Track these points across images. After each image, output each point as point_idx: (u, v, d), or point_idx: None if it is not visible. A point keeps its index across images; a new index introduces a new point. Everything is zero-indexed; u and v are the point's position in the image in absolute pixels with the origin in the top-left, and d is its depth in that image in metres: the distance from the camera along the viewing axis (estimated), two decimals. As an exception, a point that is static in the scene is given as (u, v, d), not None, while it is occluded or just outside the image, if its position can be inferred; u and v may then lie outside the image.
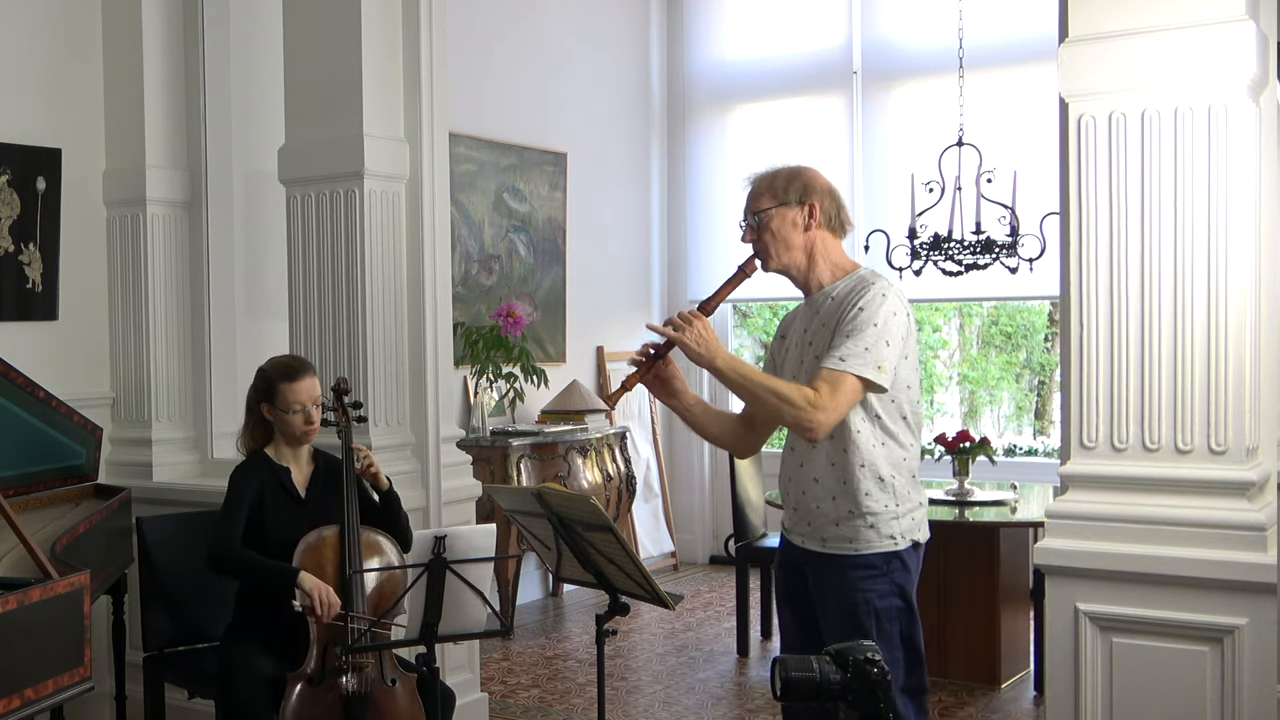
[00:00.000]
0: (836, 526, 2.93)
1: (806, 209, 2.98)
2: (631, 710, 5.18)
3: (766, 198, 3.01)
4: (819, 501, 2.95)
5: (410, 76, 4.43)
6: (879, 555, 2.91)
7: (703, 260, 8.23)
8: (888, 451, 2.92)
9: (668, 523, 8.12)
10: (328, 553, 3.64)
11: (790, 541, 3.08)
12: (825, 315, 2.97)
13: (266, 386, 3.78)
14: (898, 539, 2.92)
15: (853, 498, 2.90)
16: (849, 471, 2.90)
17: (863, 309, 2.86)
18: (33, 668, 2.79)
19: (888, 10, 7.55)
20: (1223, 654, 3.03)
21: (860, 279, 2.97)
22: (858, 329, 2.84)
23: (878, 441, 2.91)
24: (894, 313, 2.87)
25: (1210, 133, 3.05)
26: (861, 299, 2.88)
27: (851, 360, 2.82)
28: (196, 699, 4.02)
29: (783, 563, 3.14)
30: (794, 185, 3.00)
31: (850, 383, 2.83)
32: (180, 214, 4.90)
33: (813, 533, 2.98)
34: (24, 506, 3.87)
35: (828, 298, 2.99)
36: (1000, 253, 5.72)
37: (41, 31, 4.68)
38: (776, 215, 2.99)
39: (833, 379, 2.82)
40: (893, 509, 2.92)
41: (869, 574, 2.91)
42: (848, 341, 2.84)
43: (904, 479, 2.95)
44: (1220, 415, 3.04)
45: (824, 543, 2.96)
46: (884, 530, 2.91)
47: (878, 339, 2.84)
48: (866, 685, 1.86)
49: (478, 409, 6.66)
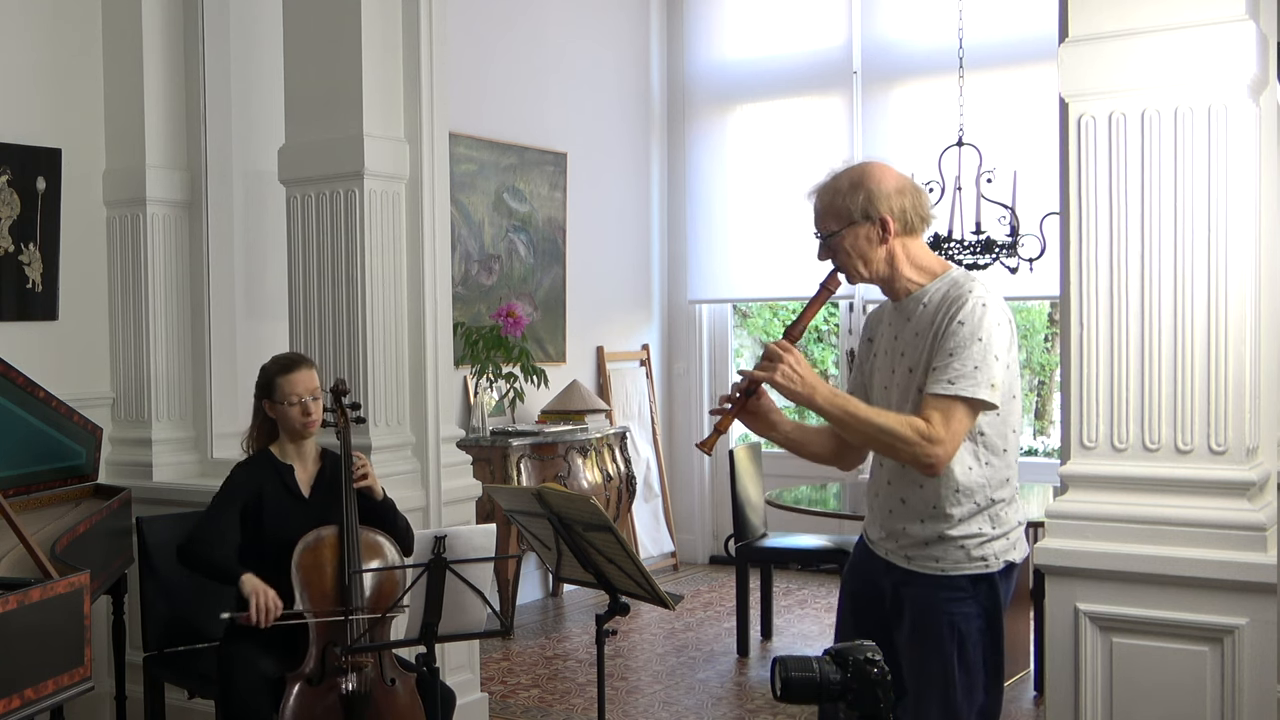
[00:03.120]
0: (926, 547, 2.76)
1: (878, 225, 2.76)
2: (631, 710, 5.17)
3: (831, 220, 2.79)
4: (905, 523, 2.79)
5: (410, 76, 4.43)
6: (967, 578, 2.75)
7: (703, 260, 8.23)
8: (991, 472, 2.74)
9: (668, 523, 8.12)
10: (327, 553, 3.64)
11: (872, 551, 2.91)
12: (919, 324, 2.76)
13: (266, 382, 3.80)
14: (990, 561, 2.75)
15: (943, 521, 2.73)
16: (940, 495, 2.73)
17: (963, 323, 2.65)
18: (33, 668, 2.79)
19: (888, 10, 7.55)
20: (1223, 654, 3.03)
21: (953, 283, 2.76)
22: (961, 346, 2.64)
23: (978, 463, 2.73)
24: (997, 323, 2.67)
25: (1210, 133, 3.04)
26: (960, 311, 2.67)
27: (961, 382, 2.62)
28: (196, 699, 4.02)
29: (857, 567, 2.98)
30: (856, 201, 2.76)
31: (962, 408, 2.64)
32: (180, 214, 4.90)
33: (898, 550, 2.81)
34: (24, 506, 3.87)
35: (919, 304, 2.78)
36: (1000, 253, 5.72)
37: (41, 31, 4.68)
38: (848, 236, 2.77)
39: (943, 406, 2.63)
40: (987, 532, 2.74)
41: (956, 595, 2.75)
42: (953, 362, 2.63)
43: (1004, 501, 2.77)
44: (1220, 415, 3.04)
45: (909, 560, 2.79)
46: (975, 553, 2.74)
47: (985, 354, 2.64)
48: (866, 685, 1.86)
49: (478, 409, 6.66)
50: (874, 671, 1.85)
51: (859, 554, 2.99)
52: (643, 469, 7.86)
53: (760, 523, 6.13)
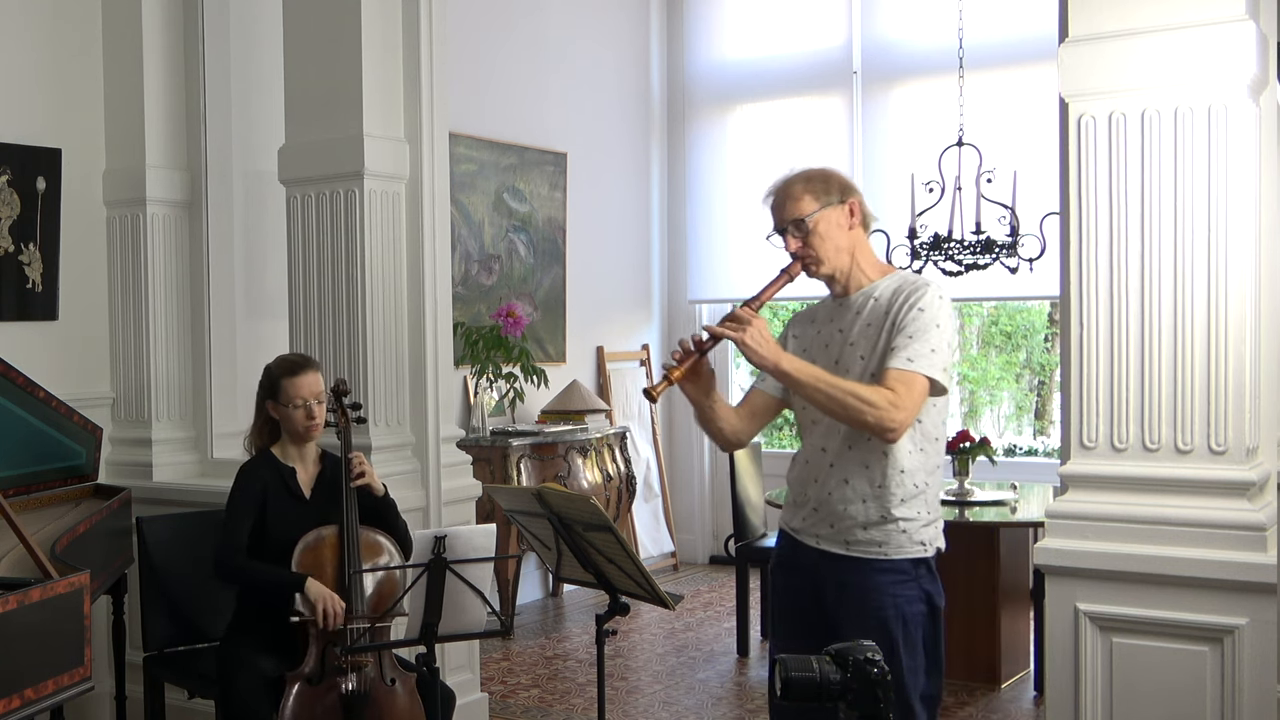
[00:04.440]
0: (865, 530, 2.85)
1: (848, 208, 2.90)
2: (631, 710, 5.17)
3: (808, 201, 2.89)
4: (848, 504, 2.86)
5: (410, 76, 4.43)
6: (909, 561, 2.85)
7: (703, 260, 8.23)
8: (925, 458, 2.87)
9: (668, 523, 8.12)
10: (327, 553, 3.65)
11: (800, 542, 2.98)
12: (872, 315, 2.88)
13: (270, 383, 3.79)
14: (926, 545, 2.87)
15: (887, 503, 2.83)
16: (886, 475, 2.83)
17: (923, 310, 2.79)
18: (33, 668, 2.79)
19: (888, 10, 7.55)
20: (1223, 654, 3.03)
21: (904, 279, 2.90)
22: (921, 331, 2.77)
23: (916, 447, 2.85)
24: (949, 316, 2.83)
25: (1210, 133, 3.04)
26: (920, 300, 2.80)
27: (920, 361, 2.75)
28: (196, 699, 4.01)
29: (787, 561, 3.04)
30: (832, 185, 2.91)
31: (921, 383, 2.76)
32: (180, 214, 4.90)
33: (835, 535, 2.89)
34: (24, 506, 3.87)
35: (869, 298, 2.90)
36: (1000, 253, 5.72)
37: (41, 31, 4.68)
38: (823, 218, 2.88)
39: (906, 379, 2.75)
40: (924, 516, 2.86)
41: (898, 579, 2.84)
42: (913, 343, 2.77)
43: (935, 487, 2.91)
44: (1220, 415, 3.04)
45: (848, 546, 2.87)
46: (915, 536, 2.85)
47: (941, 341, 2.79)
48: (866, 685, 1.86)
49: (478, 409, 6.66)
50: (874, 671, 1.86)
51: (785, 548, 3.05)
52: (643, 469, 7.86)
53: (760, 523, 6.13)
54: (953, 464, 5.70)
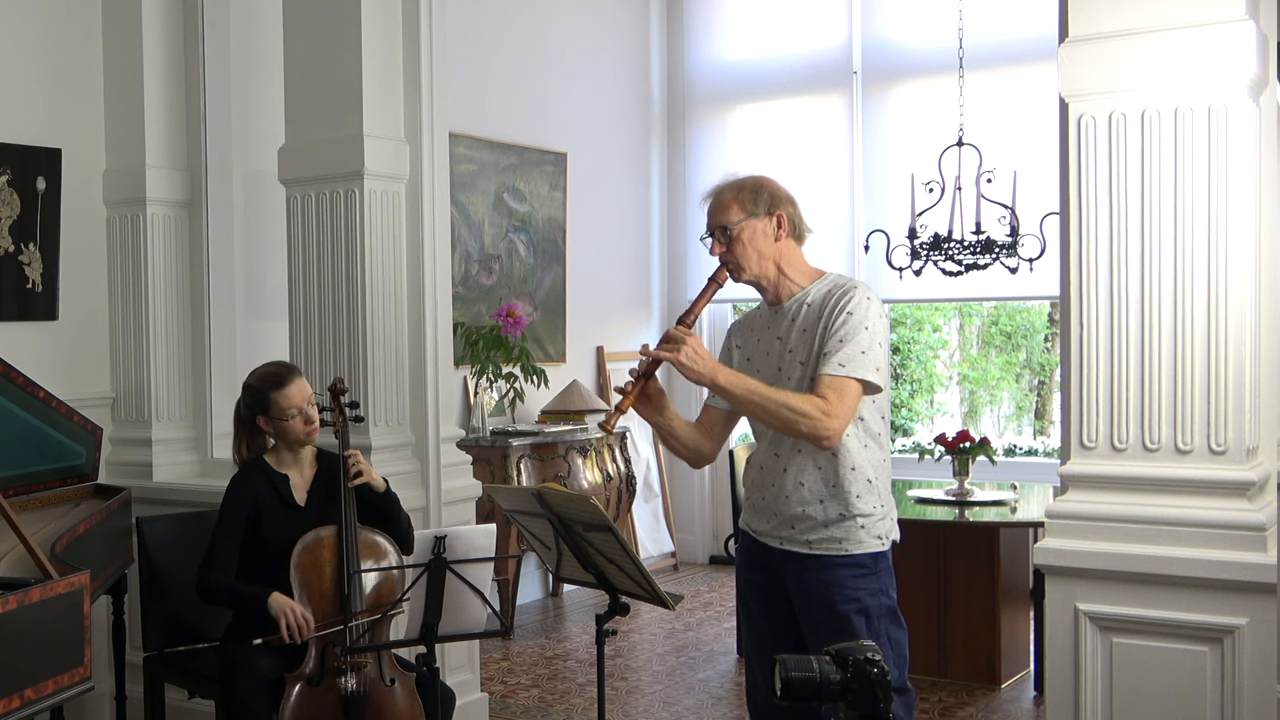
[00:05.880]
0: (826, 528, 2.95)
1: (775, 220, 3.01)
2: (631, 710, 5.18)
3: (735, 210, 3.03)
4: (805, 505, 2.96)
5: (410, 76, 4.43)
6: (869, 555, 2.95)
7: (703, 260, 8.18)
8: (870, 454, 2.97)
9: (668, 523, 8.12)
10: (325, 553, 3.64)
11: (763, 544, 3.07)
12: (805, 321, 2.99)
13: (258, 399, 3.74)
14: (883, 539, 2.98)
15: (844, 500, 2.93)
16: (839, 474, 2.94)
17: (852, 313, 2.89)
18: (33, 668, 2.79)
19: (888, 10, 7.55)
20: (1223, 654, 3.03)
21: (834, 283, 3.01)
22: (850, 333, 2.87)
23: (861, 445, 2.95)
24: (880, 315, 2.93)
25: (1210, 133, 3.04)
26: (849, 303, 2.90)
27: (852, 365, 2.85)
28: (196, 699, 4.02)
29: (752, 561, 3.12)
30: (761, 196, 3.02)
31: (854, 387, 2.86)
32: (180, 214, 4.90)
33: (795, 535, 2.99)
34: (24, 506, 3.87)
35: (802, 304, 3.01)
36: (1000, 253, 5.72)
37: (41, 31, 4.68)
38: (747, 228, 3.01)
39: (837, 385, 2.85)
40: (880, 510, 2.97)
41: (859, 573, 2.94)
42: (844, 347, 2.86)
43: (885, 481, 3.01)
44: (1220, 415, 3.04)
45: (810, 545, 2.97)
46: (873, 530, 2.96)
47: (871, 341, 2.88)
48: (866, 685, 1.86)
49: (478, 409, 6.66)
50: (874, 671, 1.86)
51: (748, 549, 3.13)
52: (643, 469, 7.86)
53: (760, 523, 6.13)
54: (953, 464, 5.71)
